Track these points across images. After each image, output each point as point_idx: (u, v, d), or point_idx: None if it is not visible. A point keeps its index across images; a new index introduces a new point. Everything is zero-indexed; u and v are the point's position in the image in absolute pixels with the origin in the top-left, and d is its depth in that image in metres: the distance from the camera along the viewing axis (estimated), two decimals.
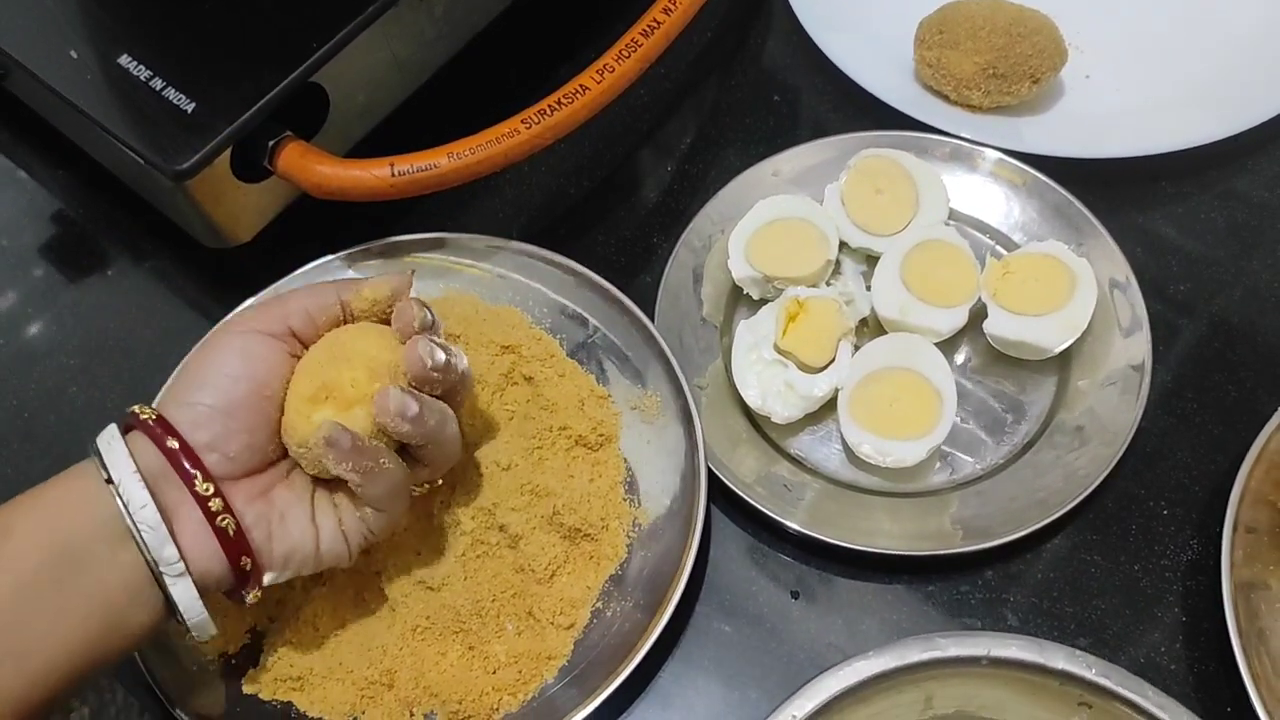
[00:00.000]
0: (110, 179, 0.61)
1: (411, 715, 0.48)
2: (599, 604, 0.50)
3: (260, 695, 0.49)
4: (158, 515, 0.39)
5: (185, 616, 0.41)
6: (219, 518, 0.41)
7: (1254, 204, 0.61)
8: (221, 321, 0.53)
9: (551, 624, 0.50)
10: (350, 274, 0.58)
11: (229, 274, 0.61)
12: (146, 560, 0.40)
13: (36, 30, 0.56)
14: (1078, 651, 0.40)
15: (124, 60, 0.54)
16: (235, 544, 0.41)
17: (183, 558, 0.40)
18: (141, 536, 0.39)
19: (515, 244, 0.57)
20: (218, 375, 0.43)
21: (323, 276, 0.58)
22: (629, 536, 0.51)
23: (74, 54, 0.54)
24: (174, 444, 0.41)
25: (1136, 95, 0.64)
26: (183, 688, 0.48)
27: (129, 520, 0.39)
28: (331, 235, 0.59)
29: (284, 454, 0.45)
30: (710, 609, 0.51)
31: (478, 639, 0.49)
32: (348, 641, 0.50)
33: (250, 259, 0.58)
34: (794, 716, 0.41)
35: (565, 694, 0.48)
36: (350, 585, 0.51)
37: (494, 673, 0.49)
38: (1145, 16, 0.67)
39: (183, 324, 0.60)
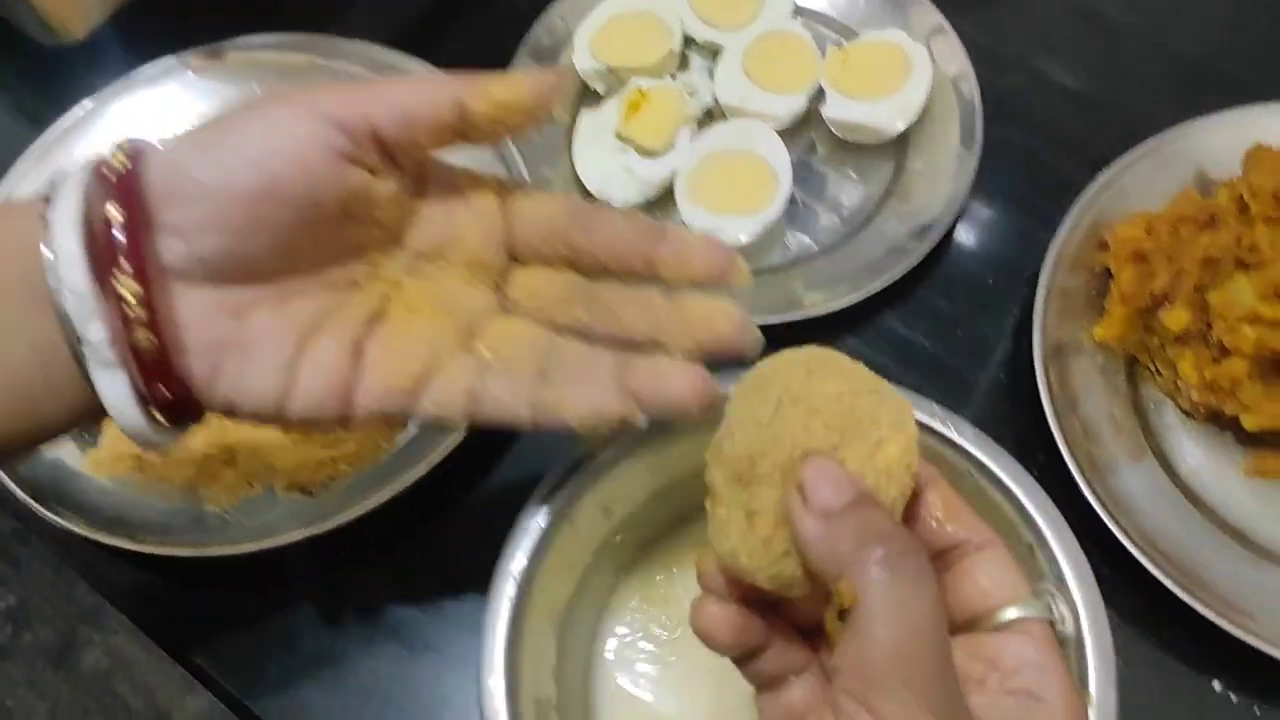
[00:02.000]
0: None
1: (251, 487, 0.49)
2: None
3: (99, 475, 0.49)
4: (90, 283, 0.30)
5: (116, 416, 0.32)
6: (135, 331, 0.31)
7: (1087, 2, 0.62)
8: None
9: None
10: (191, 78, 0.57)
11: (64, 76, 0.59)
12: (66, 337, 0.31)
13: None
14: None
15: None
16: (153, 367, 0.31)
17: (112, 346, 0.31)
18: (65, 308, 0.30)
19: (360, 44, 0.57)
20: (230, 149, 0.32)
21: (163, 79, 0.57)
22: None
23: None
24: (118, 214, 0.30)
25: None
26: (43, 480, 0.48)
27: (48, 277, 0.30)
28: (177, 36, 0.57)
29: (284, 273, 0.33)
30: None
31: None
32: None
33: (86, 61, 0.57)
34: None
35: (403, 458, 0.48)
36: None
37: (333, 446, 0.49)
38: None
39: (14, 129, 0.58)
